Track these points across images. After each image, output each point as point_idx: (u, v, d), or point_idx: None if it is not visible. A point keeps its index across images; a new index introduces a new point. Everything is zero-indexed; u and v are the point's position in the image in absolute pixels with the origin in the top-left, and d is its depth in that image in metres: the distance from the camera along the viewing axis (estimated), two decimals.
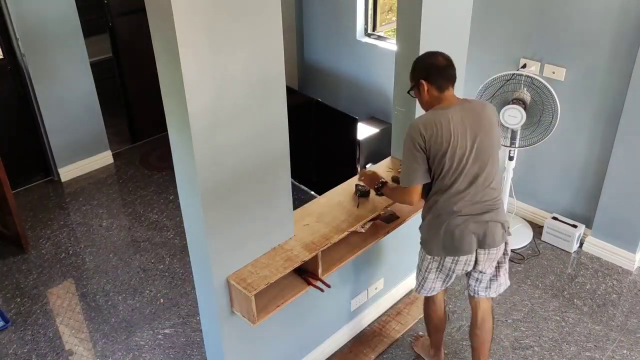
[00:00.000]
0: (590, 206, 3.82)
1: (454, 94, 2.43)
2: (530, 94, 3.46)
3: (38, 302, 3.56)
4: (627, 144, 3.44)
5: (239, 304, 2.35)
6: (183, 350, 3.22)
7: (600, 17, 3.36)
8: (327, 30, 5.17)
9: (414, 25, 2.76)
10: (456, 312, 3.41)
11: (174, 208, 4.42)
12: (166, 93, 2.03)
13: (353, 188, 2.87)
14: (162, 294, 3.61)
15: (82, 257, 3.94)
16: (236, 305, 2.38)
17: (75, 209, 4.47)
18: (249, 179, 2.25)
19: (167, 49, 1.87)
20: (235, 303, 2.37)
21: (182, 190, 2.25)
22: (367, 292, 3.23)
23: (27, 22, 4.22)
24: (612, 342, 3.20)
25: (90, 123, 4.84)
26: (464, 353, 3.15)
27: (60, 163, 4.78)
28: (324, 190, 2.96)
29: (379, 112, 4.89)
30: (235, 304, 2.38)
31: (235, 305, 2.39)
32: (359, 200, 2.79)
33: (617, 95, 3.45)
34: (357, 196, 2.82)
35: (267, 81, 2.15)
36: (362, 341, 3.22)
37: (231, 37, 1.96)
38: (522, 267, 3.74)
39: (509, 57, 3.82)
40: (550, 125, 3.44)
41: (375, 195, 2.80)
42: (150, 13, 1.90)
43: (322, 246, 2.49)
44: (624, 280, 3.63)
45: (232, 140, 2.11)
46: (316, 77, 5.46)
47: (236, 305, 2.38)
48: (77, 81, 4.64)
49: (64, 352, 3.23)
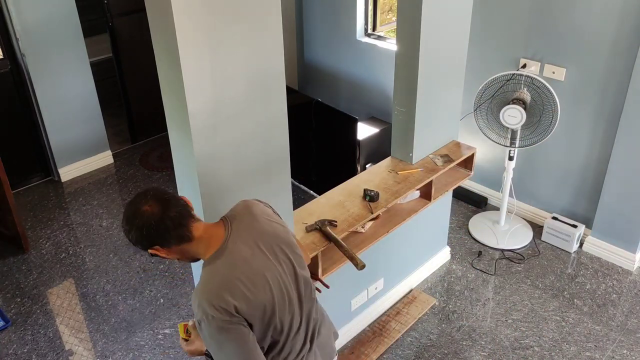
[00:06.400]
0: (590, 206, 3.82)
1: (206, 225, 1.74)
2: (530, 94, 3.46)
3: (38, 302, 3.56)
4: (627, 144, 3.44)
5: None
6: None
7: (600, 17, 3.36)
8: (327, 30, 5.17)
9: (414, 25, 2.76)
10: (456, 312, 3.41)
11: None
12: (166, 93, 2.02)
13: (360, 192, 2.86)
14: (162, 294, 3.61)
15: (82, 257, 3.94)
16: None
17: (75, 209, 4.47)
18: (249, 178, 2.25)
19: (167, 49, 1.87)
20: None
21: (182, 190, 2.25)
22: (367, 292, 3.23)
23: (27, 22, 4.22)
24: (612, 342, 3.20)
25: (90, 123, 4.84)
26: (464, 353, 3.15)
27: (60, 163, 4.78)
28: (324, 190, 2.96)
29: (379, 112, 4.89)
30: None
31: None
32: (370, 206, 2.78)
33: (617, 95, 3.45)
34: (367, 201, 2.80)
35: (267, 81, 2.15)
36: (363, 342, 3.22)
37: (231, 37, 1.96)
38: (522, 267, 3.74)
39: (509, 57, 3.82)
40: (550, 125, 3.44)
41: (383, 198, 2.79)
42: (150, 13, 1.90)
43: (322, 246, 2.49)
44: (624, 280, 3.63)
45: (232, 140, 2.11)
46: (316, 77, 5.46)
47: None
48: (77, 81, 4.64)
49: (64, 352, 3.23)
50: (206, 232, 1.72)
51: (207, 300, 1.62)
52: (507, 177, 3.81)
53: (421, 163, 3.12)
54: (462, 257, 3.85)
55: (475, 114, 3.65)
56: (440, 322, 3.35)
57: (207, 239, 1.71)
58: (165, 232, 1.63)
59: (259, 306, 1.69)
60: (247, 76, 2.07)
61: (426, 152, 3.18)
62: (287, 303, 1.78)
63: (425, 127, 3.07)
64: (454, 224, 4.13)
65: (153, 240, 1.65)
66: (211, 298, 1.62)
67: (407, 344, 3.22)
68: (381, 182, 2.95)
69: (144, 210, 1.62)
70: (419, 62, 2.83)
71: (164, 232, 1.63)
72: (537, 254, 3.85)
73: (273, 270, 1.76)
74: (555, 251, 3.88)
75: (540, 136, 3.51)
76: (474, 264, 3.77)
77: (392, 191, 2.88)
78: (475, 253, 3.87)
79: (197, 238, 1.69)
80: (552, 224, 3.89)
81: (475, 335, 3.26)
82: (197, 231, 1.69)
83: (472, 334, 3.27)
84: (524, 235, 3.99)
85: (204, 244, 1.71)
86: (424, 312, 3.41)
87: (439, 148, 3.27)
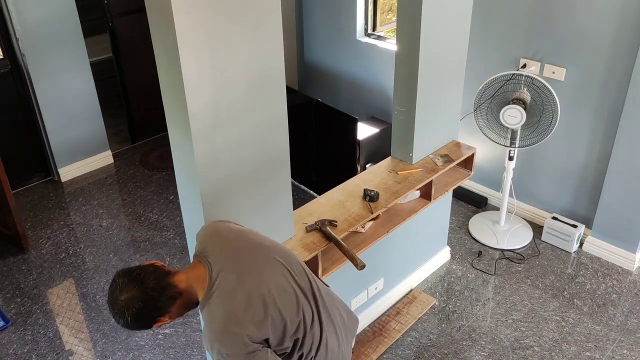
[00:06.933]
0: (590, 206, 3.82)
1: (185, 274, 1.73)
2: (530, 94, 3.46)
3: (38, 302, 3.56)
4: (627, 144, 3.44)
5: None
6: (183, 350, 3.22)
7: (600, 17, 3.36)
8: (327, 30, 5.17)
9: (414, 25, 2.76)
10: (456, 312, 3.41)
11: (174, 208, 4.42)
12: (166, 93, 2.02)
13: (360, 192, 2.86)
14: None
15: (82, 257, 3.94)
16: None
17: (75, 209, 4.47)
18: (249, 178, 2.25)
19: (167, 49, 1.87)
20: None
21: (182, 190, 2.25)
22: (367, 292, 3.23)
23: (27, 22, 4.22)
24: (612, 342, 3.20)
25: (90, 123, 4.84)
26: (464, 353, 3.15)
27: (60, 163, 4.78)
28: (324, 190, 2.96)
29: (379, 112, 4.89)
30: None
31: None
32: (370, 206, 2.78)
33: (617, 95, 3.45)
34: (367, 201, 2.80)
35: (267, 81, 2.15)
36: (364, 342, 3.22)
37: (231, 37, 1.96)
38: (522, 267, 3.74)
39: (509, 57, 3.82)
40: (550, 125, 3.44)
41: (383, 198, 2.78)
42: (150, 13, 1.90)
43: (322, 246, 2.49)
44: (624, 280, 3.63)
45: (232, 140, 2.11)
46: (316, 77, 5.46)
47: None
48: (77, 81, 4.64)
49: (64, 352, 3.23)
50: (189, 279, 1.72)
51: (218, 341, 1.65)
52: (507, 177, 3.81)
53: (421, 163, 3.12)
54: (462, 257, 3.85)
55: (475, 114, 3.65)
56: (440, 322, 3.35)
57: (193, 283, 1.71)
58: (156, 303, 1.64)
59: (267, 323, 1.70)
60: (247, 76, 2.07)
61: (426, 152, 3.18)
62: (294, 303, 1.79)
63: (425, 127, 3.07)
64: (454, 224, 4.13)
65: (151, 316, 1.66)
66: (221, 337, 1.65)
67: (407, 344, 3.22)
68: (381, 182, 2.96)
69: (125, 300, 1.62)
70: (419, 62, 2.83)
71: (155, 304, 1.64)
72: (537, 254, 3.85)
73: (266, 281, 1.76)
74: (555, 251, 3.88)
75: (540, 136, 3.51)
76: (474, 264, 3.77)
77: (392, 191, 2.88)
78: (475, 253, 3.87)
79: (186, 289, 1.70)
80: (552, 224, 3.89)
81: (475, 335, 3.26)
82: (182, 283, 1.70)
83: (472, 334, 3.27)
84: (524, 235, 3.99)
85: (193, 290, 1.71)
86: (424, 312, 3.41)
87: (439, 148, 3.27)
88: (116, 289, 1.65)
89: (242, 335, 1.64)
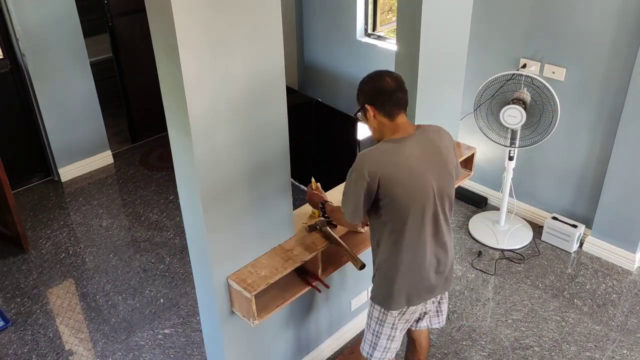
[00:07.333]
0: (590, 206, 3.82)
1: (407, 121, 2.16)
2: (530, 94, 3.46)
3: (38, 302, 3.57)
4: (627, 144, 3.44)
5: (239, 304, 2.35)
6: (183, 350, 3.22)
7: (600, 17, 3.36)
8: (327, 30, 5.17)
9: (414, 25, 2.76)
10: (456, 312, 3.41)
11: (174, 208, 4.42)
12: (166, 93, 2.03)
13: None
14: (162, 294, 3.61)
15: (82, 257, 3.94)
16: (236, 306, 2.38)
17: (75, 209, 4.47)
18: (249, 178, 2.25)
19: (167, 49, 1.87)
20: (235, 303, 2.37)
21: (182, 190, 2.25)
22: (367, 292, 3.23)
23: (27, 22, 4.22)
24: (612, 342, 3.20)
25: (90, 123, 4.84)
26: (464, 353, 3.15)
27: (60, 163, 4.78)
28: (324, 190, 2.95)
29: None
30: (235, 304, 2.38)
31: (235, 306, 2.39)
32: None
33: (617, 96, 3.46)
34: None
35: (267, 81, 2.15)
36: None
37: (231, 37, 1.96)
38: (522, 267, 3.74)
39: (509, 57, 3.82)
40: (550, 125, 3.44)
41: None
42: (150, 13, 1.90)
43: (322, 246, 2.49)
44: (624, 280, 3.63)
45: (232, 140, 2.11)
46: (316, 77, 5.46)
47: (236, 306, 2.38)
48: (77, 81, 4.64)
49: (64, 352, 3.23)
50: (402, 122, 2.13)
51: (367, 162, 2.08)
52: (507, 177, 3.81)
53: None
54: (462, 257, 3.85)
55: (475, 114, 3.65)
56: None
57: (399, 126, 2.12)
58: (390, 96, 2.10)
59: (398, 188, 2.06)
60: (247, 76, 2.07)
61: None
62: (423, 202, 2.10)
63: None
64: (454, 224, 4.13)
65: (376, 98, 2.12)
66: (370, 163, 2.08)
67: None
68: None
69: (387, 79, 2.12)
70: (419, 62, 2.83)
71: (390, 95, 2.10)
72: (537, 254, 3.85)
73: (426, 176, 2.09)
74: (555, 251, 3.88)
75: (540, 136, 3.51)
76: (474, 264, 3.77)
77: None
78: (475, 253, 3.87)
79: (396, 122, 2.12)
80: (552, 224, 3.89)
81: (475, 335, 3.26)
82: (401, 118, 2.13)
83: (472, 334, 3.27)
84: (524, 235, 3.99)
85: (394, 129, 2.12)
86: None
87: None
88: (390, 75, 2.15)
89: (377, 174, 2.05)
